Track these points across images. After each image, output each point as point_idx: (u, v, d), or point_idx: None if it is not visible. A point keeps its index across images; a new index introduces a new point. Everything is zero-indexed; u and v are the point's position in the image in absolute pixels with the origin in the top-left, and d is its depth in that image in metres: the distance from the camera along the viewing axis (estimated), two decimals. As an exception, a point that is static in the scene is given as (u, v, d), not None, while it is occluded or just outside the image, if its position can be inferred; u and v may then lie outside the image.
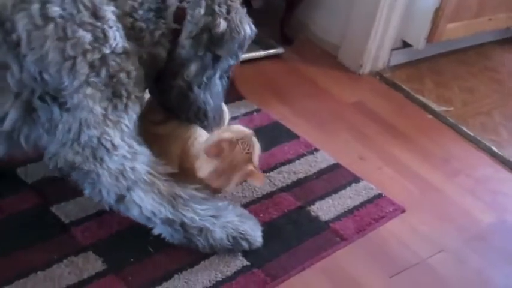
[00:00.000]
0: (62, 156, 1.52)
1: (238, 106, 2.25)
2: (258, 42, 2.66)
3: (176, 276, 1.55)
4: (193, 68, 1.61)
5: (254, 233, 1.64)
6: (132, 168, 1.53)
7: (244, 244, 1.62)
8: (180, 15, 1.56)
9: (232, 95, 2.28)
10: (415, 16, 2.66)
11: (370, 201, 1.92)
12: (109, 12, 1.47)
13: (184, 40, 1.57)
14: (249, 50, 2.57)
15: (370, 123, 2.36)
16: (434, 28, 2.66)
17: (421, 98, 2.59)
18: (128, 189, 1.54)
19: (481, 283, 1.74)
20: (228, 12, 1.59)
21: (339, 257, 1.71)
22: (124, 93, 1.50)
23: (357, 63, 2.67)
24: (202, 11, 1.55)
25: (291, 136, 2.15)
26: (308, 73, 2.60)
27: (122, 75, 1.49)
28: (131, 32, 1.52)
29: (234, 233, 1.60)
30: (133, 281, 1.52)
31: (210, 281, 1.55)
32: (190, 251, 1.60)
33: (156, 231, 1.60)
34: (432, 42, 2.72)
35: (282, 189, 1.90)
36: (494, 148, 2.34)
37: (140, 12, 1.53)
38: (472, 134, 2.41)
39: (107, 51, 1.45)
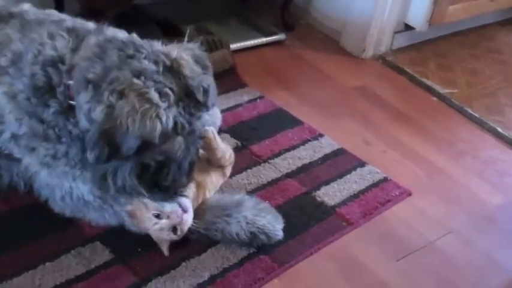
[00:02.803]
0: (54, 207, 1.59)
1: (241, 93, 2.24)
2: (259, 29, 2.66)
3: (183, 264, 1.55)
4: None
5: (273, 227, 1.62)
6: (111, 215, 1.58)
7: (263, 238, 1.60)
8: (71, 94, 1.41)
9: (235, 83, 2.29)
10: (416, -2, 2.65)
11: (375, 185, 1.91)
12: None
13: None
14: (251, 37, 2.58)
15: (373, 107, 2.35)
16: (436, 10, 2.64)
17: (424, 80, 2.58)
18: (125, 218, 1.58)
19: (489, 265, 1.74)
20: (119, 100, 1.28)
21: (345, 242, 1.71)
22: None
23: (360, 47, 2.66)
24: (88, 96, 1.33)
25: (295, 122, 2.15)
26: (310, 59, 2.59)
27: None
28: (28, 106, 1.46)
29: (252, 228, 1.59)
30: (141, 270, 1.52)
31: (217, 268, 1.55)
32: (196, 239, 1.60)
33: None
34: (434, 25, 2.71)
35: (287, 175, 1.89)
36: (499, 129, 2.33)
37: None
38: (477, 115, 2.40)
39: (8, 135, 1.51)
